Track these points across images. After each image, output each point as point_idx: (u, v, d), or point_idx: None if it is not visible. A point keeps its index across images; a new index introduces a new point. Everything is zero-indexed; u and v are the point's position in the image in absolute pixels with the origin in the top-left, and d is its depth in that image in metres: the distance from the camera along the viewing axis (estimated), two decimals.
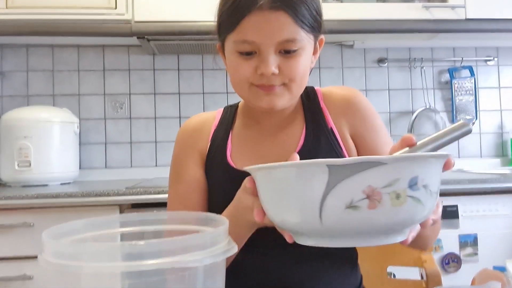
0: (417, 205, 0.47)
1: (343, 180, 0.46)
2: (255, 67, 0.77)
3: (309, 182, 0.48)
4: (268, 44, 0.75)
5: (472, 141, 2.42)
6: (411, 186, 0.46)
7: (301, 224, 0.51)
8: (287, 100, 0.81)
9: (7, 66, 2.23)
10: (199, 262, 0.46)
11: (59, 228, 0.55)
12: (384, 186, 0.45)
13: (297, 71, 0.78)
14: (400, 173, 0.46)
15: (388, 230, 0.49)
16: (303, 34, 0.76)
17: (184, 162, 0.90)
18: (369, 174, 0.45)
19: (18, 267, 1.56)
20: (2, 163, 1.93)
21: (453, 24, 1.99)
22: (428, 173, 0.48)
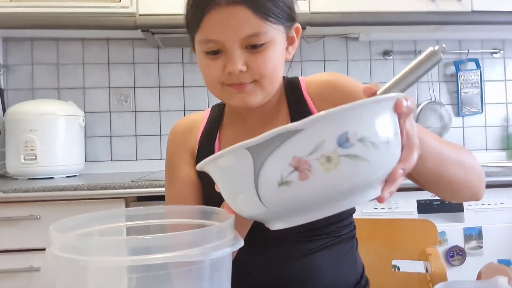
0: (357, 163, 0.42)
1: (267, 158, 0.43)
2: (223, 66, 0.75)
3: (239, 170, 0.46)
4: (232, 41, 0.72)
5: (478, 134, 2.40)
6: (342, 144, 0.42)
7: (252, 211, 0.49)
8: (261, 97, 0.78)
9: (12, 59, 2.24)
10: (206, 256, 0.47)
11: (66, 222, 0.55)
12: (310, 153, 0.41)
13: (266, 66, 0.74)
14: (323, 134, 0.42)
15: (337, 195, 0.44)
16: (269, 27, 0.73)
17: (177, 163, 0.90)
18: (290, 145, 0.42)
19: (25, 259, 1.57)
20: (8, 156, 1.94)
21: (459, 16, 1.97)
22: (362, 123, 0.43)
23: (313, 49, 2.34)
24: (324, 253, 0.82)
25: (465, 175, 0.73)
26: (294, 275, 0.81)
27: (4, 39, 2.22)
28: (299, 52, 2.34)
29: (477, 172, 0.75)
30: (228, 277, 0.54)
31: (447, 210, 1.71)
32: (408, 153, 0.50)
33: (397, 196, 1.69)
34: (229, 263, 0.54)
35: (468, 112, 2.37)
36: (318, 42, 2.35)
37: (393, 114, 0.48)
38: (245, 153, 0.44)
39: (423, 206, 1.69)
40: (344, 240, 0.86)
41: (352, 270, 0.87)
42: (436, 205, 1.70)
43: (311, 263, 0.81)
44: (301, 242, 0.82)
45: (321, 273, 0.81)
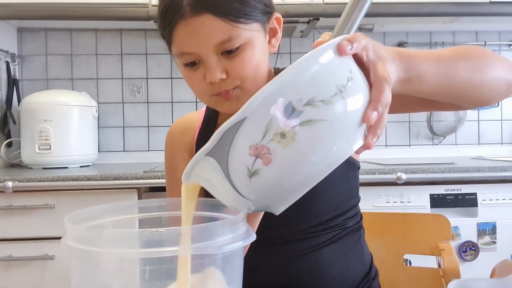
0: (314, 127, 0.40)
1: (228, 156, 0.43)
2: (204, 76, 0.72)
3: (211, 175, 0.46)
4: (205, 51, 0.70)
5: (493, 128, 2.37)
6: (289, 115, 0.40)
7: (245, 207, 0.48)
8: (246, 99, 0.78)
9: (26, 50, 2.26)
10: (218, 249, 0.47)
11: (81, 213, 0.56)
12: (263, 137, 0.40)
13: (246, 69, 0.72)
14: (266, 114, 0.40)
15: (312, 163, 0.42)
16: (241, 29, 0.69)
17: (176, 164, 0.90)
18: (241, 136, 0.41)
19: (40, 247, 1.60)
20: (23, 146, 1.97)
21: (476, 7, 1.93)
22: (301, 87, 0.41)
23: None
24: (331, 247, 0.82)
25: (483, 73, 0.63)
26: (302, 271, 0.81)
27: (19, 29, 2.24)
28: (312, 43, 2.31)
29: (500, 61, 0.65)
30: (240, 271, 0.54)
31: (460, 204, 1.69)
32: (377, 91, 0.47)
33: (410, 190, 1.67)
34: (241, 256, 0.54)
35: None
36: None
37: (341, 61, 0.44)
38: (208, 159, 0.44)
39: (436, 200, 1.67)
40: (351, 232, 0.86)
41: (360, 262, 0.87)
42: (449, 199, 1.68)
43: (319, 258, 0.81)
44: (308, 238, 0.82)
45: (329, 268, 0.81)
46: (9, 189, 1.55)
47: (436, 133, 2.30)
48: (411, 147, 2.34)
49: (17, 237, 1.61)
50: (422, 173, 1.65)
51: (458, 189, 1.69)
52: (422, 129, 2.34)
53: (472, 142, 2.35)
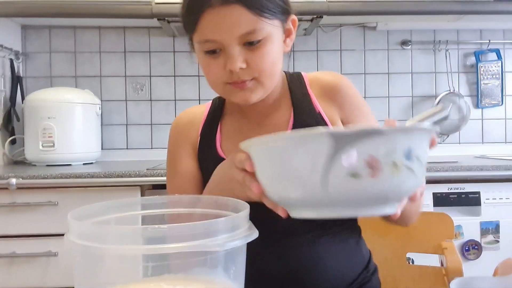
0: (411, 175, 0.49)
1: (345, 149, 0.47)
2: (223, 64, 0.76)
3: (311, 153, 0.48)
4: (229, 40, 0.73)
5: (497, 127, 2.36)
6: (407, 156, 0.48)
7: (303, 195, 0.51)
8: (261, 93, 0.80)
9: (30, 47, 2.27)
10: (221, 246, 0.47)
11: (84, 209, 0.56)
12: (383, 155, 0.47)
13: (265, 62, 0.76)
14: (397, 143, 0.48)
15: (385, 199, 0.51)
16: (265, 23, 0.74)
17: (178, 156, 0.92)
18: (369, 143, 0.47)
19: (44, 244, 1.61)
20: (27, 143, 1.97)
21: (481, 5, 1.92)
22: (421, 145, 0.51)
23: (330, 39, 2.32)
24: (329, 240, 0.84)
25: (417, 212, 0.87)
26: (302, 263, 0.82)
27: (23, 27, 2.25)
28: (316, 41, 2.31)
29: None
30: (243, 268, 0.55)
31: (463, 203, 1.68)
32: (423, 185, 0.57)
33: None
34: (244, 253, 0.54)
35: (488, 104, 2.33)
36: (335, 31, 2.32)
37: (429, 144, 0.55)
38: (327, 139, 0.47)
39: (439, 199, 1.67)
40: (348, 226, 0.88)
41: (359, 256, 0.88)
42: (452, 198, 1.68)
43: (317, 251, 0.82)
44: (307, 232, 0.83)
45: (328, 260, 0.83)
46: (13, 186, 1.56)
47: (439, 132, 2.29)
48: None
49: (20, 234, 1.62)
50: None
51: (461, 188, 1.69)
52: None
53: (475, 141, 2.34)
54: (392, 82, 2.34)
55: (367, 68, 2.33)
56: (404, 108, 2.34)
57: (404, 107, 2.34)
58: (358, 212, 0.52)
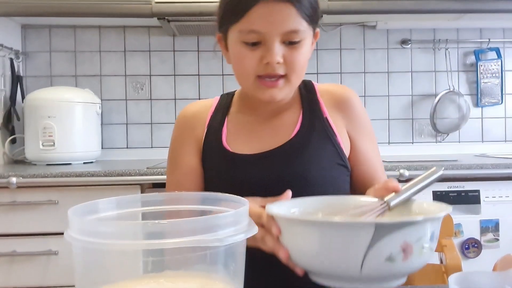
0: (431, 253, 0.57)
1: (385, 236, 0.52)
2: (260, 57, 0.79)
3: (355, 238, 0.52)
4: (274, 34, 0.78)
5: (497, 125, 2.36)
6: (431, 238, 0.55)
7: (335, 272, 0.55)
8: (287, 92, 0.85)
9: (30, 46, 2.27)
10: (220, 242, 0.47)
11: (84, 206, 0.56)
12: (416, 241, 0.53)
13: (299, 62, 0.81)
14: (427, 229, 0.55)
15: (406, 275, 0.58)
16: (305, 26, 0.80)
17: (181, 149, 0.93)
18: (406, 231, 0.53)
19: (44, 242, 1.61)
20: (27, 142, 1.98)
21: (481, 4, 1.92)
22: (439, 225, 0.58)
23: (330, 38, 2.32)
24: None
25: None
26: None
27: (23, 26, 2.25)
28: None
29: None
30: (242, 263, 0.55)
31: (463, 201, 1.69)
32: None
33: None
34: (244, 249, 0.54)
35: (488, 103, 2.33)
36: (335, 30, 2.32)
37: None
38: (371, 228, 0.52)
39: (439, 197, 1.67)
40: None
41: None
42: (452, 196, 1.68)
43: None
44: None
45: None
46: (13, 185, 1.56)
47: (439, 131, 2.29)
48: (414, 144, 2.34)
49: (21, 232, 1.62)
50: (425, 170, 1.64)
51: (461, 186, 1.69)
52: (425, 127, 2.33)
53: (475, 140, 2.35)
54: (392, 81, 2.34)
55: (367, 67, 2.33)
56: (404, 107, 2.34)
57: (404, 106, 2.34)
58: (377, 285, 0.57)
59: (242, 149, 0.88)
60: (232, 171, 0.87)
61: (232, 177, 0.86)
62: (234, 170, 0.86)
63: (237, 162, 0.87)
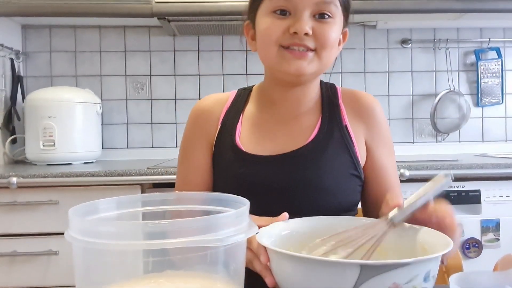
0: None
1: (373, 277, 0.50)
2: (288, 27, 0.77)
3: (340, 278, 0.50)
4: (306, 3, 0.77)
5: (497, 125, 2.36)
6: (425, 279, 0.52)
7: None
8: (315, 67, 0.81)
9: (31, 46, 2.27)
10: (221, 241, 0.47)
11: (84, 206, 0.56)
12: (406, 282, 0.51)
13: (329, 36, 0.78)
14: (419, 270, 0.51)
15: None
16: (338, 5, 0.80)
17: (192, 144, 0.91)
18: (395, 273, 0.50)
19: (44, 242, 1.61)
20: (27, 142, 1.98)
21: (481, 3, 1.92)
22: (436, 265, 0.54)
23: None
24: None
25: None
26: None
27: (23, 26, 2.25)
28: None
29: None
30: (243, 264, 0.55)
31: (464, 201, 1.68)
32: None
33: (413, 187, 1.67)
34: (244, 249, 0.54)
35: (488, 103, 2.33)
36: None
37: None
38: (356, 268, 0.49)
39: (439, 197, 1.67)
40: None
41: None
42: (452, 196, 1.68)
43: None
44: None
45: None
46: (14, 185, 1.56)
47: (440, 130, 2.29)
48: (414, 144, 2.33)
49: (21, 232, 1.62)
50: (425, 169, 1.64)
51: (461, 186, 1.69)
52: (426, 126, 2.33)
53: (476, 139, 2.34)
54: (392, 80, 2.34)
55: (367, 67, 2.33)
56: (404, 106, 2.34)
57: (404, 106, 2.34)
58: None
59: (255, 149, 0.85)
60: (242, 171, 0.84)
61: (242, 177, 0.84)
62: (245, 170, 0.84)
63: (249, 162, 0.84)
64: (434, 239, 0.61)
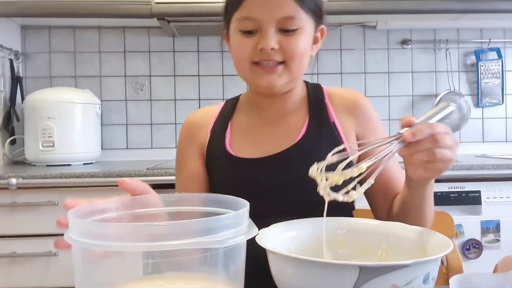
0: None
1: (372, 279, 0.50)
2: (256, 43, 0.80)
3: (338, 280, 0.51)
4: (269, 21, 0.78)
5: (497, 126, 2.35)
6: (424, 281, 0.52)
7: None
8: (286, 80, 0.83)
9: (30, 47, 2.26)
10: (221, 243, 0.47)
11: (84, 208, 0.56)
12: (405, 284, 0.51)
13: (297, 49, 0.80)
14: (418, 272, 0.51)
15: None
16: (303, 15, 0.80)
17: (185, 154, 0.94)
18: (394, 274, 0.50)
19: (44, 244, 1.61)
20: (27, 143, 1.97)
21: (481, 4, 1.92)
22: (436, 267, 0.54)
23: (330, 38, 2.31)
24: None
25: (429, 218, 0.82)
26: None
27: (22, 27, 2.25)
28: None
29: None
30: (243, 265, 0.54)
31: (464, 202, 1.68)
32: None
33: None
34: (244, 250, 0.54)
35: (488, 103, 2.33)
36: (335, 30, 2.32)
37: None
38: (355, 270, 0.49)
39: (440, 197, 1.67)
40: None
41: None
42: (453, 197, 1.68)
43: None
44: None
45: None
46: (13, 186, 1.56)
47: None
48: None
49: (21, 233, 1.62)
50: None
51: (461, 186, 1.69)
52: None
53: (476, 140, 2.34)
54: (392, 81, 2.34)
55: (367, 68, 2.33)
56: (404, 107, 2.33)
57: (404, 107, 2.34)
58: None
59: (246, 153, 0.87)
60: (235, 175, 0.86)
61: (235, 181, 0.86)
62: (237, 174, 0.86)
63: (240, 166, 0.86)
64: (434, 240, 0.61)
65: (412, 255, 0.60)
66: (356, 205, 0.92)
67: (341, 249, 0.68)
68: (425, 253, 0.60)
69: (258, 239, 0.58)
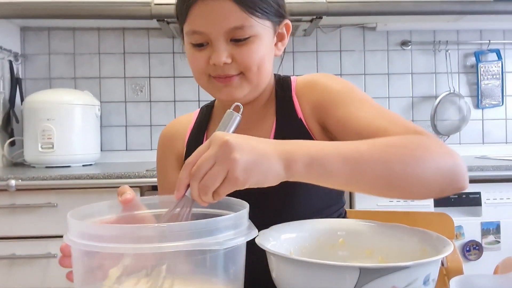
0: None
1: (372, 280, 0.49)
2: (208, 57, 0.75)
3: (338, 282, 0.50)
4: (216, 33, 0.73)
5: (497, 127, 2.35)
6: (425, 282, 0.52)
7: None
8: (247, 90, 0.78)
9: (30, 49, 2.26)
10: (220, 245, 0.47)
11: (83, 209, 0.56)
12: (405, 286, 0.50)
13: (251, 59, 0.75)
14: (419, 273, 0.51)
15: None
16: (254, 21, 0.74)
17: (164, 167, 0.93)
18: (394, 276, 0.50)
19: (43, 245, 1.61)
20: (26, 145, 1.97)
21: (480, 5, 1.92)
22: (437, 268, 0.54)
23: (330, 39, 2.32)
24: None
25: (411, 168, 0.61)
26: None
27: (22, 28, 2.25)
28: (315, 42, 2.31)
29: (439, 156, 0.63)
30: (242, 267, 0.54)
31: (464, 204, 1.68)
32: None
33: None
34: (244, 251, 0.54)
35: (488, 105, 2.32)
36: (335, 32, 2.32)
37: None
38: (356, 271, 0.49)
39: (440, 199, 1.67)
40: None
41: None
42: (453, 198, 1.68)
43: None
44: None
45: None
46: (12, 187, 1.56)
47: (440, 132, 2.29)
48: None
49: (20, 235, 1.61)
50: None
51: None
52: (426, 128, 2.32)
53: (476, 142, 2.34)
54: (392, 82, 2.34)
55: (367, 69, 2.33)
56: (404, 108, 2.33)
57: (404, 108, 2.33)
58: None
59: None
60: None
61: None
62: None
63: None
64: (434, 241, 0.61)
65: (412, 257, 0.60)
66: (356, 206, 0.92)
67: (341, 250, 0.68)
68: (425, 255, 0.60)
69: (258, 240, 0.58)
